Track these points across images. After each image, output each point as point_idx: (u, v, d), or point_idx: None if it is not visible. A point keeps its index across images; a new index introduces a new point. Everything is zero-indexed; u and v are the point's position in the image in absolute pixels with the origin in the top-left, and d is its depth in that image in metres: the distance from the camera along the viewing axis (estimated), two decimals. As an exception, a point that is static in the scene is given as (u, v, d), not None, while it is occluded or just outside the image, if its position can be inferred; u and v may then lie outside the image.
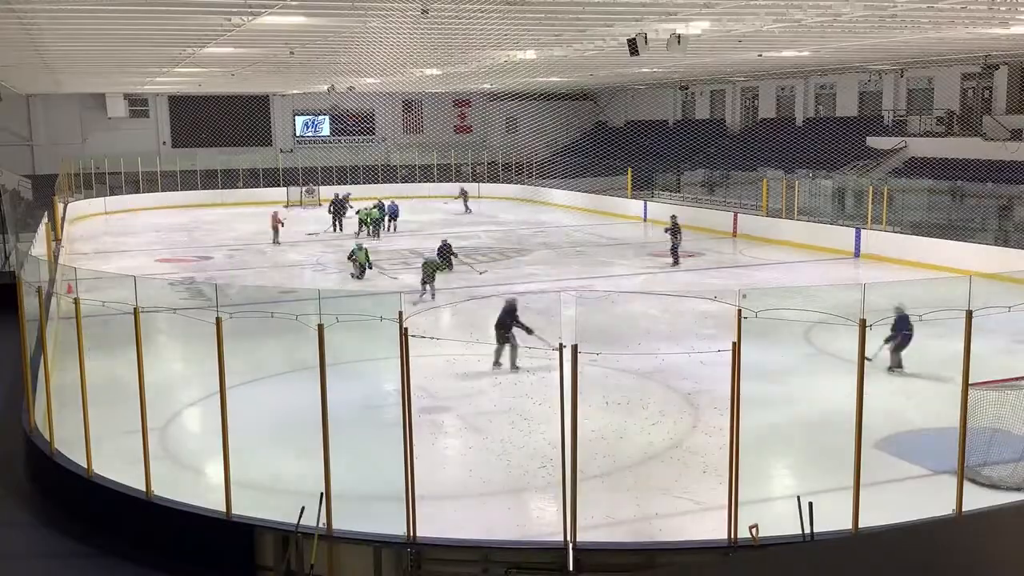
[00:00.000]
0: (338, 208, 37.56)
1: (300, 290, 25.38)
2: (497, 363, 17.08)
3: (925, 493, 11.56)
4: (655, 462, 12.83)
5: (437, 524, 10.62)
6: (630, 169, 44.38)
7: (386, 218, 36.73)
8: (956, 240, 27.77)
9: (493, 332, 17.06)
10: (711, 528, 10.29)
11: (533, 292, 22.91)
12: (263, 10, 18.74)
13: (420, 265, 24.44)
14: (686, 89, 53.36)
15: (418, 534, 9.66)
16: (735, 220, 36.23)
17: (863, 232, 30.85)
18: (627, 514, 11.19)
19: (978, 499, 10.47)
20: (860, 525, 9.17)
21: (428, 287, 23.26)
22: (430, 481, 12.13)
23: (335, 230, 36.86)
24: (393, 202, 38.18)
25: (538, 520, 11.22)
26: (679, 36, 21.34)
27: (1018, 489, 11.37)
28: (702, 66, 37.46)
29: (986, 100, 37.78)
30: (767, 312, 9.56)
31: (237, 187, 50.54)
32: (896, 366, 16.45)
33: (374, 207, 36.06)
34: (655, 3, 18.89)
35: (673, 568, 2.47)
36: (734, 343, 9.51)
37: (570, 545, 9.32)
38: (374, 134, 58.85)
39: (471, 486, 12.07)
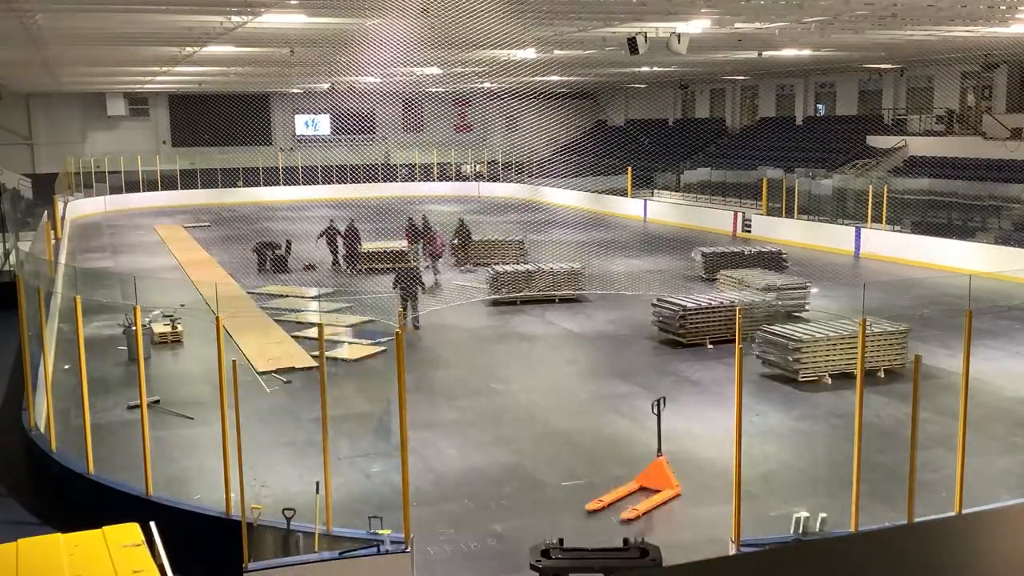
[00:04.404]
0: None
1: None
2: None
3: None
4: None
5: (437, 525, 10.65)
6: (630, 168, 44.39)
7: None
8: (956, 239, 27.77)
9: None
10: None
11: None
12: (263, 9, 18.74)
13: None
14: (686, 88, 53.36)
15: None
16: (735, 219, 36.24)
17: (863, 231, 30.86)
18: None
19: (978, 499, 10.48)
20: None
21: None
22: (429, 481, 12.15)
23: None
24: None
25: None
26: (679, 35, 21.35)
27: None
28: (702, 65, 37.47)
29: (986, 99, 37.78)
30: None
31: (237, 186, 50.55)
32: None
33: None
34: (655, 2, 18.88)
35: (673, 568, 2.47)
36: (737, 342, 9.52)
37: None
38: (374, 133, 58.84)
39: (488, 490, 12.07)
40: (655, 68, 38.33)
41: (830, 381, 15.76)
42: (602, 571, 8.21)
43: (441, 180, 55.26)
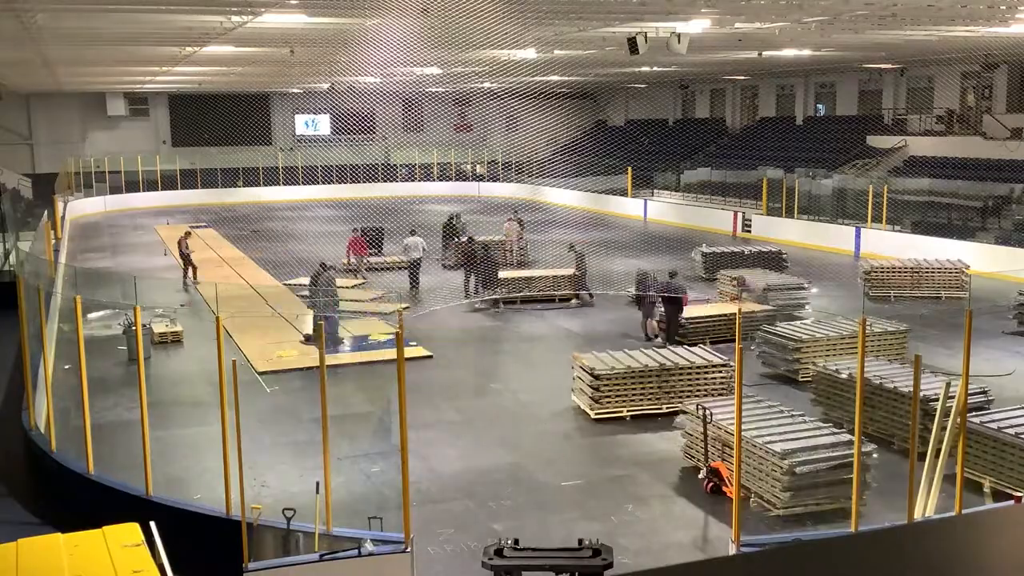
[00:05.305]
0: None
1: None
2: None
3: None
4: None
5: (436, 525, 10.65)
6: (630, 168, 44.38)
7: None
8: (956, 239, 27.76)
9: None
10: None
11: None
12: (263, 9, 18.73)
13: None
14: (686, 88, 53.35)
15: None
16: (735, 219, 36.24)
17: (863, 231, 30.86)
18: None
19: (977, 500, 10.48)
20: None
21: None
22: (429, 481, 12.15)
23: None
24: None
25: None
26: (679, 35, 21.34)
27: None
28: (702, 65, 37.46)
29: (986, 99, 37.77)
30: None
31: (237, 186, 50.53)
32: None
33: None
34: (655, 2, 18.88)
35: (673, 568, 2.48)
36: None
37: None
38: (374, 133, 58.83)
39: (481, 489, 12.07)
40: (655, 68, 38.32)
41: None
42: (553, 570, 8.26)
43: (441, 180, 55.26)
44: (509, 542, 8.48)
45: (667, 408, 14.19)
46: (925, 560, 2.62)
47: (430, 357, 17.90)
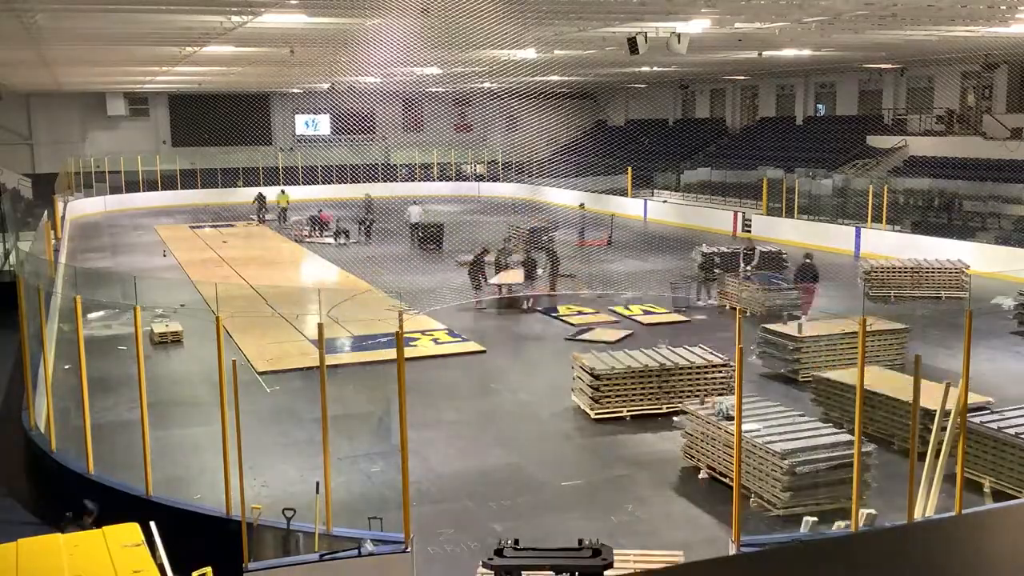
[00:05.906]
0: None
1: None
2: None
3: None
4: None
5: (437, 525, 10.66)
6: (630, 168, 44.35)
7: None
8: (956, 239, 27.76)
9: None
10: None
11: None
12: (263, 9, 18.72)
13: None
14: (686, 88, 53.33)
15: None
16: (735, 219, 36.24)
17: (863, 231, 30.85)
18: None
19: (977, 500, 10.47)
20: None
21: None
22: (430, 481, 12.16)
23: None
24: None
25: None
26: (679, 35, 21.34)
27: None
28: (702, 65, 37.45)
29: (986, 99, 37.76)
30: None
31: (237, 186, 50.50)
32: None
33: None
34: (655, 2, 18.87)
35: (673, 568, 2.48)
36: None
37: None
38: (374, 133, 58.80)
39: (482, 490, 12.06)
40: (655, 68, 38.31)
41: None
42: (553, 570, 8.26)
43: (441, 180, 55.25)
44: (509, 542, 8.48)
45: (667, 408, 14.19)
46: (925, 560, 2.62)
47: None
